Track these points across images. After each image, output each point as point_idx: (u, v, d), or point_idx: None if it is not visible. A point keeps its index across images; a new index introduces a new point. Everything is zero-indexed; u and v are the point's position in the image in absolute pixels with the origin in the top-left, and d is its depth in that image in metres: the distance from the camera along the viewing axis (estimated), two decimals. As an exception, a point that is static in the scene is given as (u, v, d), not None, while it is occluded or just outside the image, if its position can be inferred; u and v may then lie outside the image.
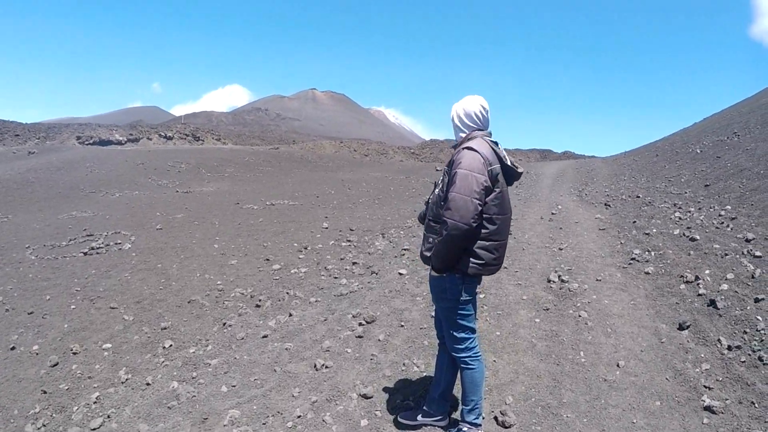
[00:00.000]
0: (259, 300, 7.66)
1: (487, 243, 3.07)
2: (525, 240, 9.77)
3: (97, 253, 11.30)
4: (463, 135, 3.18)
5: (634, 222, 10.90)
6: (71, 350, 6.31)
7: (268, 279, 8.91)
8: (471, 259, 3.06)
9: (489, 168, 2.99)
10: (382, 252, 9.90)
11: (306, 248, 10.97)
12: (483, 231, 3.04)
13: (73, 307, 7.96)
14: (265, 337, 5.96)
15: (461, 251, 3.03)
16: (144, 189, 22.26)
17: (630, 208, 12.77)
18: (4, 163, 26.11)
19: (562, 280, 7.10)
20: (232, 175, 28.38)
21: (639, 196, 14.08)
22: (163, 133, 50.69)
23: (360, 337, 5.52)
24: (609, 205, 13.56)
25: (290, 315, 6.68)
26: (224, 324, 6.82)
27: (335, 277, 8.57)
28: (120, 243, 12.05)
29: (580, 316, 5.98)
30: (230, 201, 18.31)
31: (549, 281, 7.15)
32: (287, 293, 7.77)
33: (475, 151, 2.99)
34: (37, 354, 6.42)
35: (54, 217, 16.03)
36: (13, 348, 6.67)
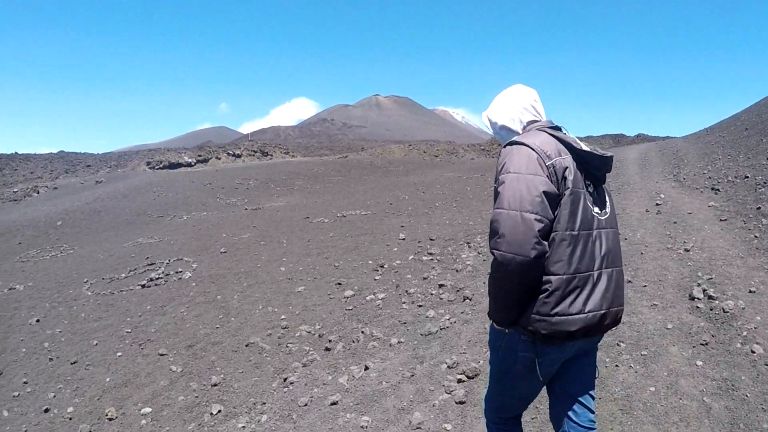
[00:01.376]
0: (329, 341, 6.59)
1: (555, 278, 2.19)
2: (639, 240, 8.08)
3: (156, 284, 10.84)
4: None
5: (759, 208, 9.07)
6: (106, 415, 5.56)
7: (339, 310, 7.84)
8: (533, 305, 2.22)
9: (549, 163, 2.25)
10: (472, 268, 8.53)
11: (382, 266, 9.86)
12: (555, 263, 2.19)
13: (119, 354, 7.32)
14: (334, 404, 4.79)
15: (527, 294, 2.23)
16: (212, 209, 22.34)
17: (743, 191, 10.67)
18: (72, 194, 27.52)
19: (710, 297, 5.53)
20: (302, 187, 28.34)
21: (747, 176, 11.79)
22: (231, 152, 52.39)
23: (461, 402, 4.29)
24: (717, 190, 11.48)
25: (366, 368, 5.51)
26: (285, 380, 5.78)
27: (420, 306, 7.35)
28: (181, 272, 11.57)
29: (753, 351, 4.49)
30: (299, 215, 17.74)
31: (692, 298, 5.60)
32: (362, 332, 6.63)
33: (524, 144, 2.29)
34: (70, 419, 5.74)
35: (119, 246, 16.15)
36: (47, 410, 6.07)
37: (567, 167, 2.25)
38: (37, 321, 9.64)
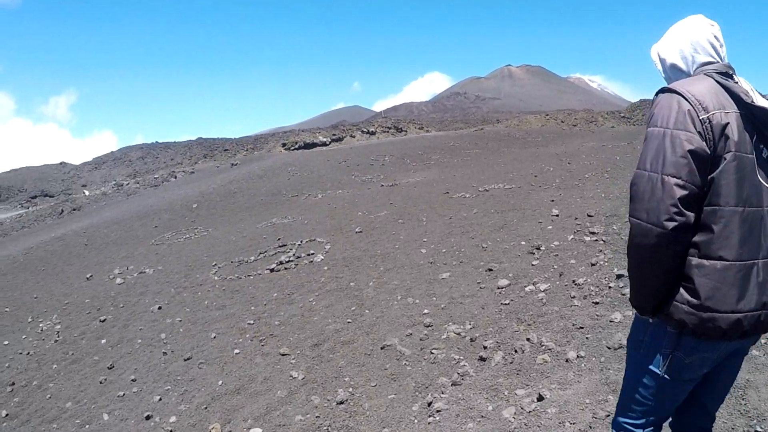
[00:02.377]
0: (484, 347, 5.12)
1: (710, 263, 1.99)
2: None
3: (285, 268, 10.10)
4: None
5: None
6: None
7: (493, 304, 6.29)
8: (681, 292, 2.03)
9: (705, 116, 1.95)
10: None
11: (539, 248, 8.14)
12: (701, 237, 1.99)
13: (237, 351, 6.46)
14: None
15: (673, 276, 2.04)
16: (347, 187, 21.85)
17: None
18: (207, 177, 28.80)
19: None
20: (439, 162, 27.59)
21: None
22: (365, 129, 52.92)
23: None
24: None
25: (540, 398, 3.97)
26: (429, 404, 4.39)
27: (596, 303, 5.60)
28: (312, 254, 10.76)
29: None
30: (438, 190, 16.48)
31: None
32: (528, 339, 5.05)
33: (676, 92, 2.02)
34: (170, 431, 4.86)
35: (253, 226, 16.05)
36: (148, 417, 5.32)
37: (728, 123, 1.96)
38: (159, 308, 9.31)
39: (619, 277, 6.16)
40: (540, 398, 4.06)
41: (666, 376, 2.13)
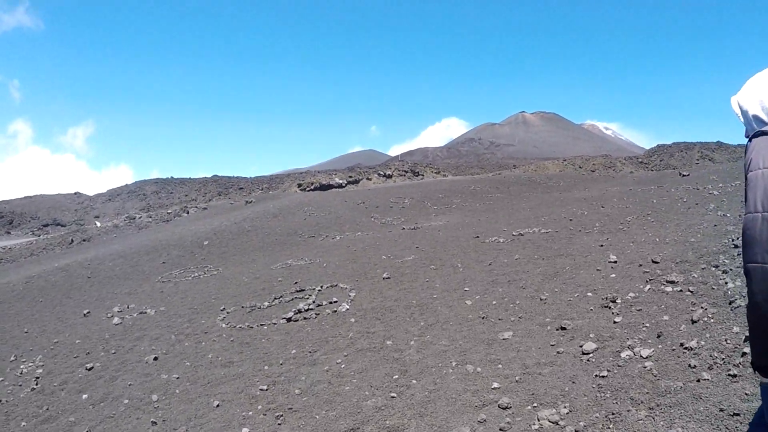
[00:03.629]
0: None
1: None
2: None
3: (305, 318, 8.59)
4: None
5: None
6: None
7: (585, 376, 4.82)
8: None
9: None
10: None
11: (614, 301, 6.69)
12: None
13: (245, 431, 4.89)
14: None
15: None
16: (366, 229, 20.46)
17: None
18: (221, 214, 27.51)
19: None
20: (460, 205, 26.44)
21: None
22: (381, 172, 51.99)
23: None
24: None
25: None
26: None
27: (732, 376, 4.14)
28: (335, 302, 9.27)
29: None
30: (467, 234, 15.09)
31: None
32: None
33: None
34: None
35: (266, 267, 14.63)
36: None
37: None
38: (155, 359, 7.79)
39: (738, 335, 4.66)
40: None
41: None
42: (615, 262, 8.76)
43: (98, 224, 37.52)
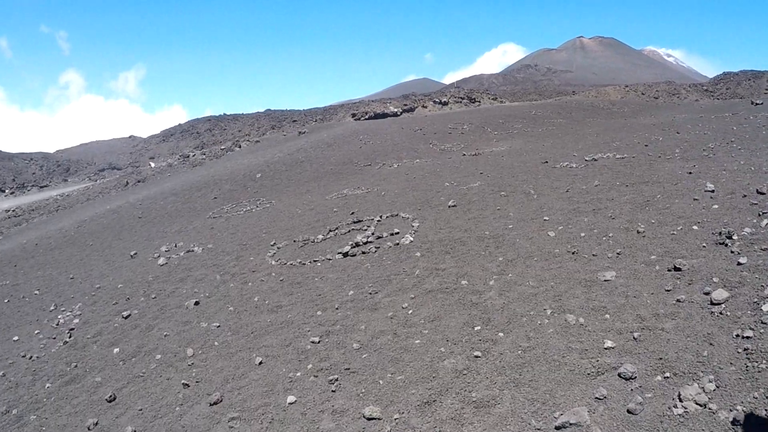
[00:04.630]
0: None
1: None
2: None
3: (363, 252, 7.46)
4: None
5: None
6: None
7: (724, 336, 3.52)
8: None
9: None
10: None
11: (730, 237, 5.26)
12: None
13: (291, 400, 3.86)
14: None
15: None
16: (425, 156, 19.03)
17: None
18: (273, 146, 26.56)
19: None
20: (522, 131, 24.48)
21: None
22: (437, 100, 49.70)
23: None
24: None
25: None
26: None
27: None
28: (397, 233, 8.09)
29: None
30: (534, 160, 13.54)
31: None
32: None
33: None
34: None
35: (321, 198, 13.60)
36: None
37: None
38: (196, 303, 6.89)
39: None
40: None
41: None
42: (713, 191, 7.24)
43: (152, 165, 37.58)
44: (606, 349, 3.68)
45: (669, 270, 4.78)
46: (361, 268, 6.74)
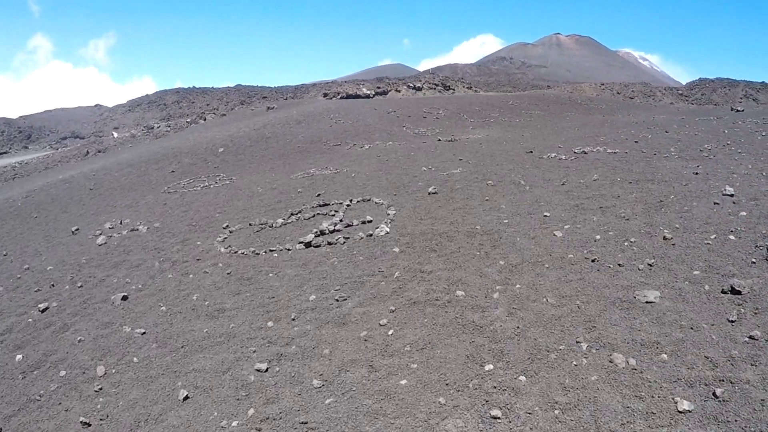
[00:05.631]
0: None
1: None
2: None
3: (329, 243, 6.13)
4: None
5: None
6: None
7: None
8: None
9: None
10: None
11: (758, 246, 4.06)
12: None
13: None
14: None
15: None
16: (398, 139, 17.69)
17: None
18: (239, 120, 24.79)
19: None
20: (499, 120, 23.45)
21: None
22: (411, 84, 48.24)
23: None
24: None
25: None
26: None
27: None
28: (370, 221, 6.79)
29: None
30: (517, 149, 12.48)
31: None
32: None
33: None
34: None
35: (285, 177, 12.16)
36: None
37: None
38: (124, 299, 5.46)
39: None
40: None
41: None
42: (732, 195, 6.20)
43: (116, 135, 35.25)
44: (681, 413, 2.47)
45: (723, 292, 3.63)
46: (326, 263, 5.41)
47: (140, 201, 12.21)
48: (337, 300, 4.35)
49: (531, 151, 11.82)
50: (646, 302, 3.67)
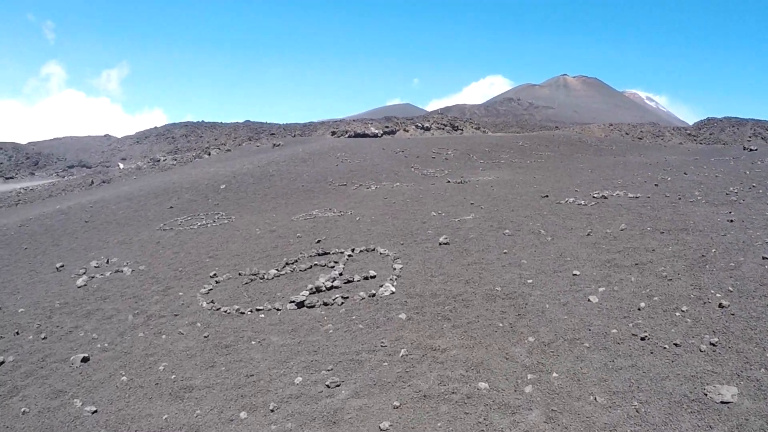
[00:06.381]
0: None
1: None
2: None
3: (325, 303, 5.31)
4: None
5: None
6: None
7: None
8: None
9: None
10: None
11: None
12: None
13: None
14: None
15: None
16: (406, 180, 17.01)
17: None
18: (244, 156, 24.23)
19: None
20: (509, 161, 22.88)
21: None
22: (420, 124, 48.03)
23: None
24: None
25: None
26: None
27: None
28: (373, 277, 5.98)
29: None
30: (530, 192, 11.79)
31: None
32: None
33: None
34: None
35: (286, 218, 11.44)
36: None
37: None
38: (84, 360, 4.64)
39: None
40: None
41: None
42: None
43: (121, 166, 34.85)
44: None
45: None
46: (319, 330, 4.57)
47: (134, 238, 11.50)
48: (329, 386, 3.50)
49: (546, 196, 11.11)
50: (722, 402, 2.84)
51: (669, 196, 10.06)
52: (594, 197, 10.41)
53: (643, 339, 3.74)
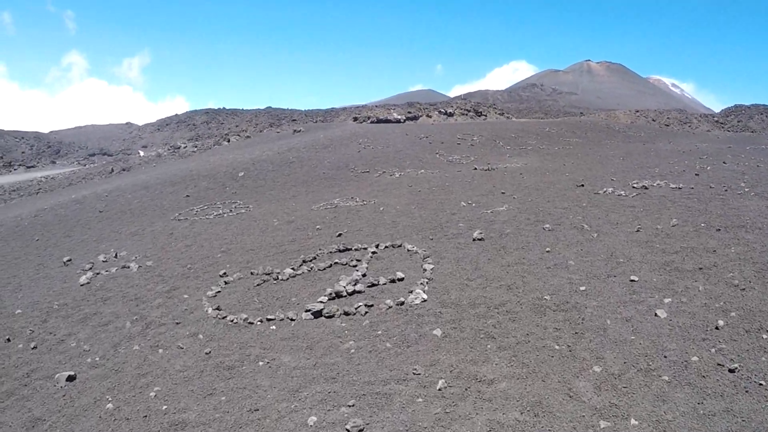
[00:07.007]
0: None
1: None
2: None
3: (346, 313, 4.58)
4: None
5: None
6: None
7: None
8: None
9: None
10: None
11: None
12: None
13: None
14: None
15: None
16: (431, 167, 16.20)
17: None
18: (264, 143, 23.59)
19: None
20: (537, 148, 21.92)
21: None
22: (443, 110, 46.99)
23: None
24: None
25: None
26: None
27: None
28: (401, 280, 5.24)
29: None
30: (565, 182, 10.95)
31: None
32: None
33: None
34: None
35: (306, 208, 10.78)
36: None
37: None
38: (70, 379, 4.02)
39: None
40: None
41: None
42: None
43: (141, 153, 34.61)
44: None
45: None
46: (338, 349, 3.86)
47: (147, 228, 10.96)
48: (349, 431, 2.79)
49: (582, 185, 10.23)
50: None
51: (714, 187, 9.13)
52: (634, 187, 9.53)
53: (732, 372, 2.96)
